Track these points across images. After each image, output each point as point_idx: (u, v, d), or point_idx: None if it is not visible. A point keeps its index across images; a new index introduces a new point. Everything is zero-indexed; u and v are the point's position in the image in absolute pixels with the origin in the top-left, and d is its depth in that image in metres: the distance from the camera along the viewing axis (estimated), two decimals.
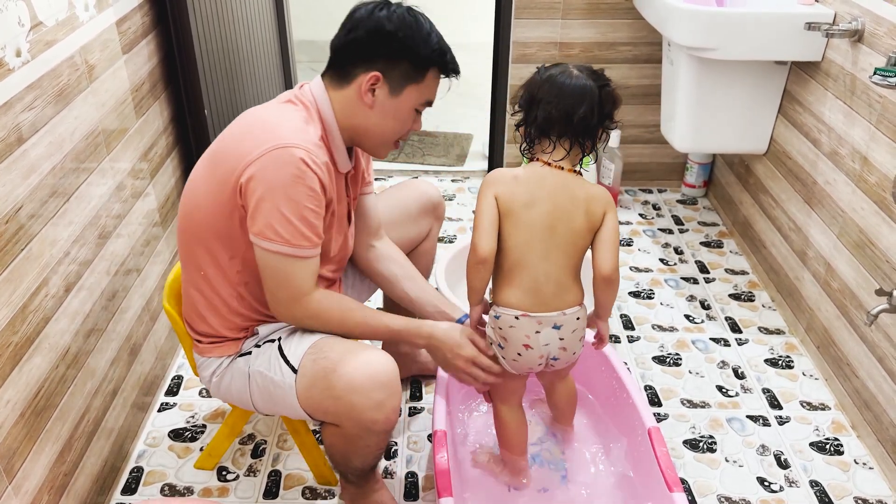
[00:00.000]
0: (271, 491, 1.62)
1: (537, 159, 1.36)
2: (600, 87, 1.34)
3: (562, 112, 1.30)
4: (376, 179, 2.93)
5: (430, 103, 1.38)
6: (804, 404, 1.86)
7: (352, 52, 1.30)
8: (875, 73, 1.58)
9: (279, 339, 1.38)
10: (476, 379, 1.44)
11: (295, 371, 1.32)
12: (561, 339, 1.39)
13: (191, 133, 2.03)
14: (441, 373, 1.62)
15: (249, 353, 1.39)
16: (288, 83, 2.77)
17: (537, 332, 1.37)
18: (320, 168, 1.25)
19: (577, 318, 1.39)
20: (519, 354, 1.41)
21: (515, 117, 1.39)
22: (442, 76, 1.36)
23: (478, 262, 1.34)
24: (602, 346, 1.49)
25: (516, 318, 1.37)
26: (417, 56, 1.30)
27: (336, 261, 1.46)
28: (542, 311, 1.36)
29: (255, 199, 1.22)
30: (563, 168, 1.34)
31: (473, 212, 1.50)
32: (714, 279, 2.34)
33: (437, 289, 1.75)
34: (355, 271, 1.65)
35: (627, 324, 2.14)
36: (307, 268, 1.29)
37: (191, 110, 2.00)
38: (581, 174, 1.37)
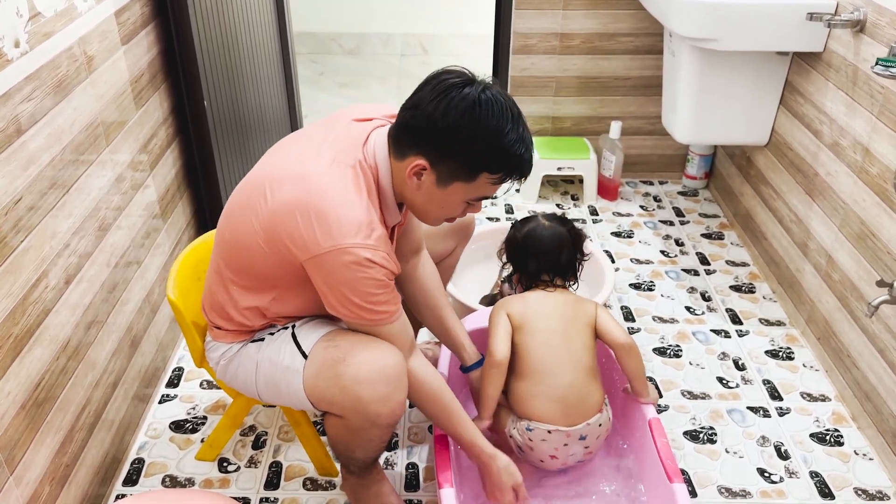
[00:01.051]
0: (272, 482, 1.62)
1: (535, 287, 1.59)
2: (569, 230, 1.61)
3: (549, 260, 1.58)
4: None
5: (485, 198, 1.29)
6: (804, 395, 1.86)
7: (407, 132, 1.23)
8: (877, 64, 1.57)
9: (293, 325, 1.38)
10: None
11: (305, 357, 1.32)
12: (586, 447, 1.51)
13: (190, 124, 2.02)
14: (442, 365, 1.62)
15: (262, 339, 1.39)
16: (287, 74, 2.76)
17: (565, 444, 1.48)
18: (385, 258, 1.22)
19: (600, 425, 1.50)
20: (541, 461, 1.52)
21: (506, 268, 1.67)
22: (500, 182, 1.25)
23: (492, 365, 1.49)
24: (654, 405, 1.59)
25: (549, 432, 1.47)
26: (467, 159, 1.21)
27: None
28: (571, 425, 1.47)
29: (321, 284, 1.23)
30: (556, 288, 1.58)
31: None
32: (715, 271, 2.33)
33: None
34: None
35: (628, 315, 2.14)
36: (393, 330, 1.30)
37: (190, 101, 2.00)
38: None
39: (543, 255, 1.58)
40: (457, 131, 1.18)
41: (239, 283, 1.34)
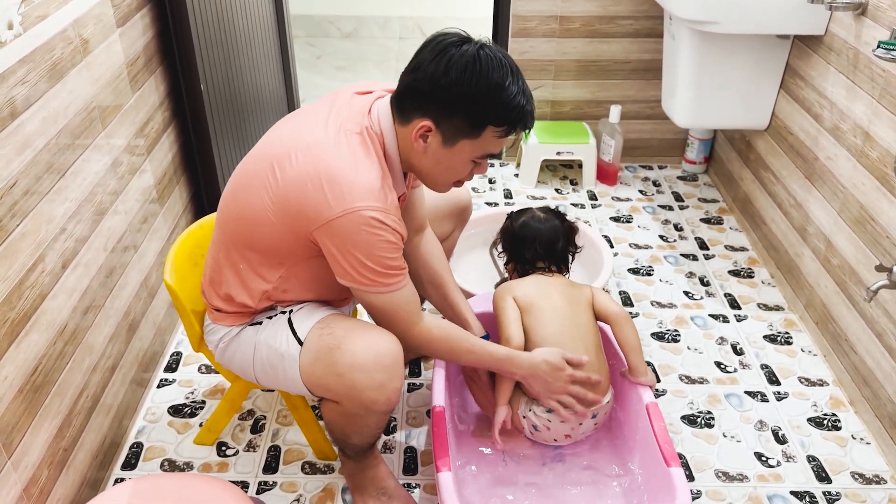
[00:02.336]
0: (271, 466, 1.63)
1: (532, 272, 1.64)
2: (562, 222, 1.68)
3: (545, 249, 1.63)
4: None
5: (492, 156, 1.31)
6: (802, 380, 1.87)
7: (410, 95, 1.24)
8: (878, 47, 1.56)
9: (290, 310, 1.38)
10: (576, 396, 1.47)
11: (301, 343, 1.32)
12: (596, 423, 1.55)
13: (187, 108, 2.01)
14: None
15: (260, 322, 1.39)
16: (284, 58, 2.74)
17: (581, 423, 1.52)
18: (396, 221, 1.23)
19: (608, 402, 1.54)
20: (555, 440, 1.55)
21: (502, 257, 1.72)
22: (507, 134, 1.26)
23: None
24: (652, 389, 1.59)
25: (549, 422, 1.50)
26: (472, 114, 1.22)
27: None
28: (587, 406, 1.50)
29: (333, 251, 1.23)
30: (553, 273, 1.63)
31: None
32: (714, 256, 2.33)
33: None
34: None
35: (627, 300, 2.13)
36: (406, 299, 1.31)
37: (187, 85, 1.98)
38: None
39: (539, 244, 1.63)
40: (459, 86, 1.19)
41: (247, 260, 1.34)
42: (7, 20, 1.21)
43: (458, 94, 1.20)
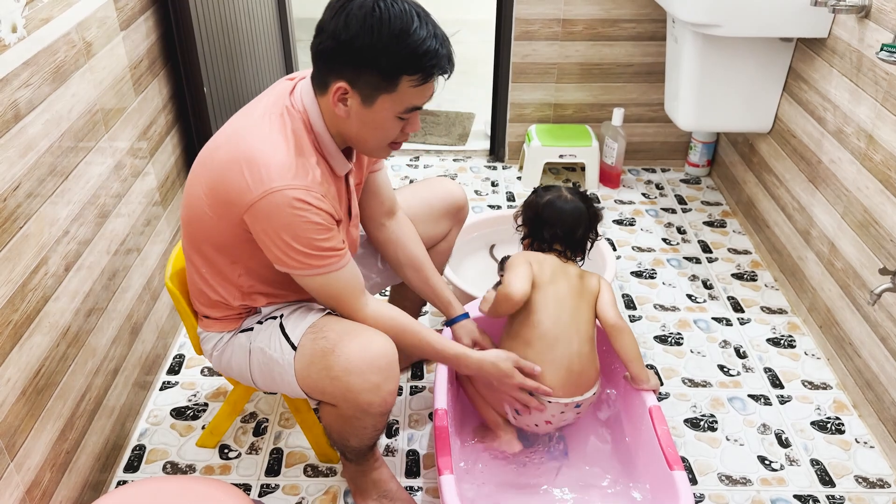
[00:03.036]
0: (273, 469, 1.63)
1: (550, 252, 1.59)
2: (588, 208, 1.61)
3: (565, 232, 1.58)
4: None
5: (417, 108, 1.25)
6: (806, 384, 1.86)
7: (320, 60, 1.22)
8: (882, 50, 1.56)
9: (281, 315, 1.38)
10: (524, 404, 1.47)
11: (294, 349, 1.32)
12: (579, 413, 1.54)
13: (190, 111, 2.02)
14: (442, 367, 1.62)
15: (251, 328, 1.39)
16: (287, 61, 2.75)
17: (562, 412, 1.50)
18: (320, 199, 1.21)
19: (594, 393, 1.53)
20: (536, 425, 1.53)
21: (520, 231, 1.65)
22: (424, 82, 1.20)
23: (507, 299, 1.47)
24: (656, 393, 1.59)
25: (549, 402, 1.48)
26: (381, 67, 1.16)
27: None
28: (571, 396, 1.48)
29: (262, 237, 1.22)
30: (568, 260, 1.59)
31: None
32: (717, 259, 2.33)
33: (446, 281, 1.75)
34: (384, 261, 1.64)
35: (630, 303, 2.13)
36: (346, 279, 1.29)
37: (190, 88, 1.99)
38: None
39: (560, 226, 1.58)
40: (361, 39, 1.15)
41: (207, 262, 1.34)
42: (11, 23, 1.22)
43: (362, 48, 1.15)
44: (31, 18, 1.28)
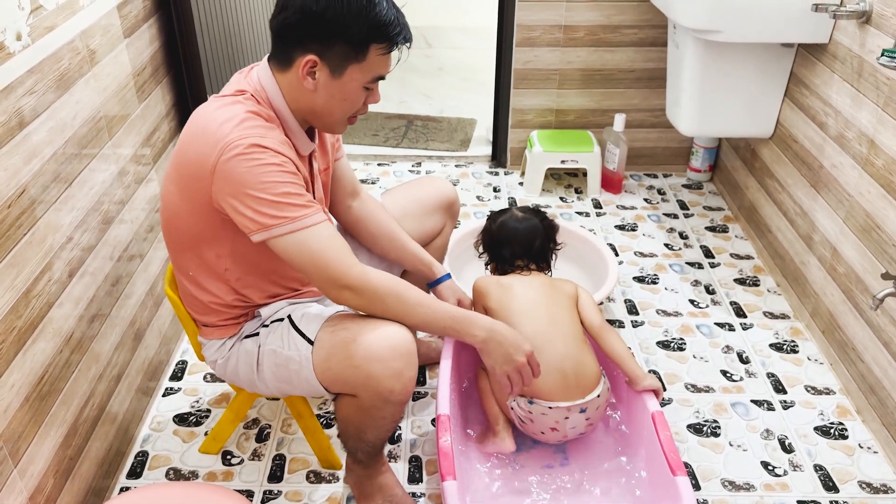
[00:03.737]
0: (276, 475, 1.63)
1: (511, 272, 1.66)
2: (541, 220, 1.70)
3: (523, 247, 1.66)
4: (379, 165, 2.92)
5: (381, 78, 1.29)
6: (809, 389, 1.86)
7: (286, 36, 1.23)
8: (883, 55, 1.56)
9: (288, 316, 1.38)
10: (526, 378, 1.40)
11: (311, 343, 1.32)
12: (587, 419, 1.52)
13: None
14: (444, 358, 1.62)
15: (257, 333, 1.40)
16: None
17: (566, 417, 1.49)
18: (277, 144, 1.21)
19: (599, 396, 1.51)
20: (542, 433, 1.53)
21: (483, 257, 1.74)
22: (391, 50, 1.26)
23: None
24: (659, 395, 1.58)
25: (549, 408, 1.48)
26: (352, 36, 1.21)
27: None
28: (571, 399, 1.48)
29: (231, 203, 1.20)
30: (531, 272, 1.65)
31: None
32: (719, 264, 2.33)
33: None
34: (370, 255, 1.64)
35: (632, 309, 2.13)
36: (328, 235, 1.23)
37: (193, 95, 1.99)
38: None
39: (516, 243, 1.66)
40: (332, 9, 1.19)
41: (192, 263, 1.35)
42: (16, 31, 1.23)
43: (332, 19, 1.19)
44: (36, 27, 1.29)
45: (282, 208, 1.20)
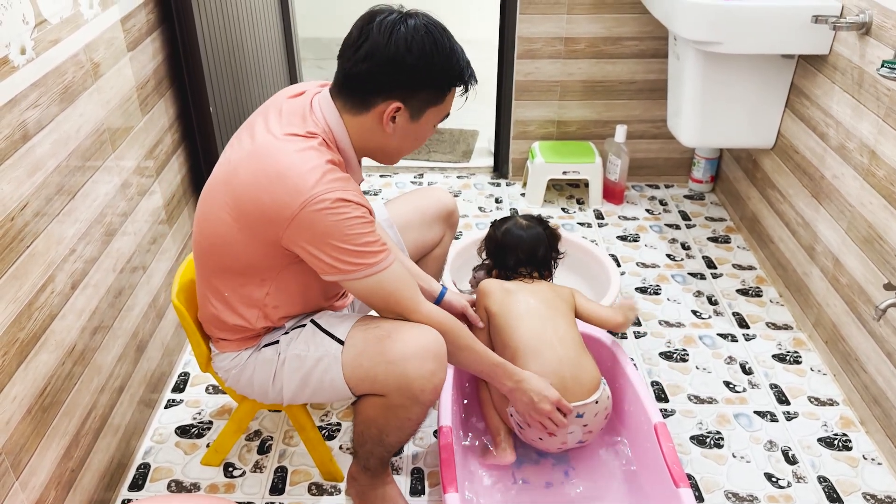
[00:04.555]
0: (277, 487, 1.62)
1: (513, 278, 1.69)
2: (545, 229, 1.74)
3: (527, 255, 1.69)
4: (381, 177, 2.93)
5: (447, 116, 1.36)
6: (812, 400, 1.85)
7: (370, 82, 1.24)
8: (883, 66, 1.57)
9: (312, 320, 1.39)
10: (556, 423, 1.47)
11: (341, 343, 1.33)
12: (585, 425, 1.51)
13: (196, 130, 2.03)
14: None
15: (277, 342, 1.40)
16: (293, 80, 2.77)
17: (566, 433, 1.50)
18: (358, 196, 1.24)
19: (597, 402, 1.51)
20: (540, 438, 1.52)
21: (486, 263, 1.77)
22: (461, 90, 1.32)
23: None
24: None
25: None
26: (437, 83, 1.27)
27: None
28: (569, 402, 1.47)
29: (307, 248, 1.21)
30: (533, 279, 1.68)
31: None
32: (721, 274, 2.33)
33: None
34: (384, 235, 1.64)
35: (634, 320, 2.13)
36: (396, 274, 1.28)
37: (196, 107, 2.01)
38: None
39: (521, 251, 1.69)
40: (425, 61, 1.22)
41: (230, 286, 1.34)
42: (20, 45, 1.24)
43: (423, 69, 1.23)
44: (40, 40, 1.30)
45: (362, 256, 1.23)
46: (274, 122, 1.27)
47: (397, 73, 1.22)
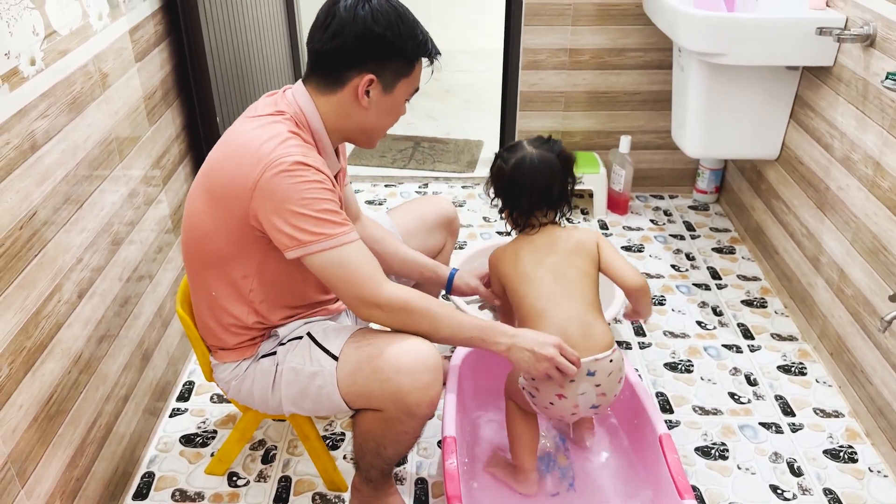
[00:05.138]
0: (281, 497, 1.62)
1: (529, 225, 1.51)
2: (557, 154, 1.47)
3: (542, 192, 1.47)
4: (386, 186, 2.94)
5: (417, 90, 1.38)
6: (817, 411, 1.85)
7: (341, 58, 1.27)
8: (887, 78, 1.57)
9: (308, 333, 1.39)
10: (563, 368, 1.33)
11: (335, 359, 1.33)
12: (597, 385, 1.41)
13: (203, 140, 2.05)
14: (451, 380, 1.62)
15: (274, 353, 1.40)
16: None
17: (571, 380, 1.38)
18: (318, 163, 1.25)
19: (611, 361, 1.41)
20: (551, 403, 1.43)
21: (496, 204, 1.54)
22: (427, 63, 1.35)
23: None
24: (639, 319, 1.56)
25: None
26: (407, 53, 1.29)
27: None
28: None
29: (271, 219, 1.22)
30: (543, 227, 1.50)
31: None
32: (726, 285, 2.32)
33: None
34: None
35: (639, 330, 2.13)
36: (360, 253, 1.26)
37: (203, 118, 2.02)
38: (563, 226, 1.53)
39: (536, 190, 1.47)
40: (391, 30, 1.26)
41: (215, 282, 1.35)
42: (30, 56, 1.25)
43: (392, 39, 1.26)
44: (50, 51, 1.31)
45: (321, 225, 1.22)
46: (247, 114, 1.33)
47: (367, 45, 1.26)
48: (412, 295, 1.30)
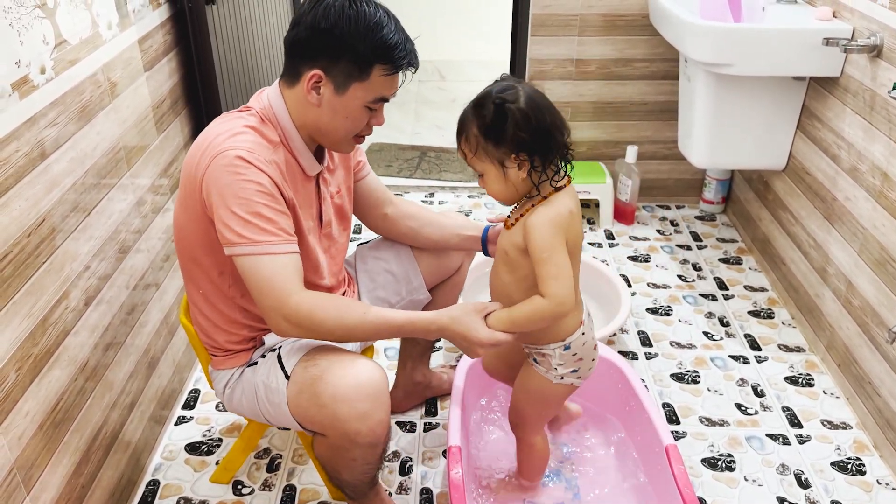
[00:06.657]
0: None
1: (559, 188, 1.29)
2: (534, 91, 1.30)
3: (565, 131, 1.28)
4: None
5: (384, 99, 1.30)
6: (825, 423, 1.83)
7: (296, 50, 1.27)
8: (894, 88, 1.57)
9: (280, 346, 1.39)
10: (499, 345, 1.29)
11: (288, 378, 1.32)
12: (574, 353, 1.39)
13: None
14: (456, 389, 1.61)
15: (255, 363, 1.40)
16: None
17: (591, 328, 1.41)
18: (265, 164, 1.23)
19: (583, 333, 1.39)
20: (593, 360, 1.41)
21: (522, 167, 1.26)
22: (391, 71, 1.27)
23: (563, 314, 1.26)
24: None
25: (583, 333, 1.37)
26: (357, 54, 1.23)
27: (330, 269, 1.47)
28: (581, 314, 1.38)
29: (216, 211, 1.22)
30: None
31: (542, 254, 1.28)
32: (733, 296, 2.31)
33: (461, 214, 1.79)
34: (400, 258, 1.64)
35: (645, 340, 2.12)
36: (282, 265, 1.21)
37: None
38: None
39: (562, 127, 1.26)
40: (340, 27, 1.22)
41: (199, 279, 1.36)
42: (40, 65, 1.26)
43: (339, 36, 1.22)
44: (60, 60, 1.33)
45: (248, 228, 1.21)
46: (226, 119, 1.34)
47: (314, 39, 1.24)
48: (318, 300, 1.23)
